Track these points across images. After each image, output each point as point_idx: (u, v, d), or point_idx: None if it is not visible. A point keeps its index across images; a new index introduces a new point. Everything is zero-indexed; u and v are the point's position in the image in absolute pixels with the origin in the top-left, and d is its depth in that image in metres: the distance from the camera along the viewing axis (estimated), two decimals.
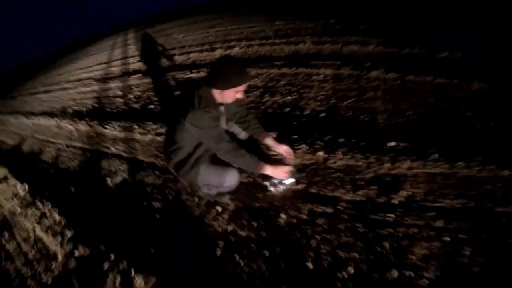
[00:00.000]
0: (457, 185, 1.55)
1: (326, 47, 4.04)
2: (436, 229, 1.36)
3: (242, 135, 1.92)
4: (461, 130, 1.94)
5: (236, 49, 4.77)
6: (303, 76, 3.30)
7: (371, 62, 3.30)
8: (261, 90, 3.24)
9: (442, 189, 1.55)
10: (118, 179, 2.42)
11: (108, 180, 2.42)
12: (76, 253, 1.87)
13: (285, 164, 1.72)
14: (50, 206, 2.44)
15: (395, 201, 1.54)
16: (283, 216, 1.59)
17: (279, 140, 1.81)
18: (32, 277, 1.84)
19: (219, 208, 1.76)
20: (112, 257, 1.70)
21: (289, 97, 2.89)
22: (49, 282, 1.74)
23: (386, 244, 1.35)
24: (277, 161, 1.96)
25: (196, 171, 1.63)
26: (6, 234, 2.41)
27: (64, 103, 5.52)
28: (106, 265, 1.67)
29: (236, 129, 1.89)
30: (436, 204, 1.48)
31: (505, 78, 2.41)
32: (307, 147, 2.05)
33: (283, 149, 1.74)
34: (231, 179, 1.63)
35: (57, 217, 2.27)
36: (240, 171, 1.69)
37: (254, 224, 1.59)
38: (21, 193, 2.77)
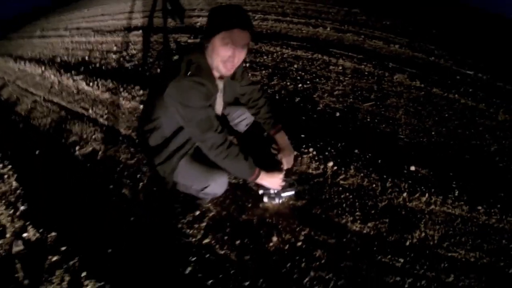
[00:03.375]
0: (475, 234, 1.36)
1: (348, 37, 3.63)
2: (445, 285, 1.16)
3: (241, 126, 1.53)
4: (485, 167, 1.74)
5: None
6: (320, 63, 2.91)
7: (395, 64, 3.00)
8: (270, 70, 2.83)
9: (459, 236, 1.35)
10: None
11: (77, 148, 2.11)
12: (25, 235, 1.59)
13: (284, 171, 1.37)
14: (9, 168, 2.15)
15: (407, 243, 1.28)
16: (274, 238, 1.30)
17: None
18: None
19: (196, 212, 1.45)
20: (63, 249, 1.43)
21: (301, 85, 2.53)
22: None
23: None
24: (275, 164, 1.55)
25: (172, 165, 1.23)
26: None
27: (55, 51, 5.09)
28: (54, 258, 1.40)
29: (236, 116, 1.49)
30: (450, 254, 1.28)
31: None
32: (316, 153, 1.73)
33: (285, 158, 1.37)
34: (216, 187, 1.23)
35: (14, 183, 1.99)
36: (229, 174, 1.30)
37: (237, 241, 1.30)
38: None
